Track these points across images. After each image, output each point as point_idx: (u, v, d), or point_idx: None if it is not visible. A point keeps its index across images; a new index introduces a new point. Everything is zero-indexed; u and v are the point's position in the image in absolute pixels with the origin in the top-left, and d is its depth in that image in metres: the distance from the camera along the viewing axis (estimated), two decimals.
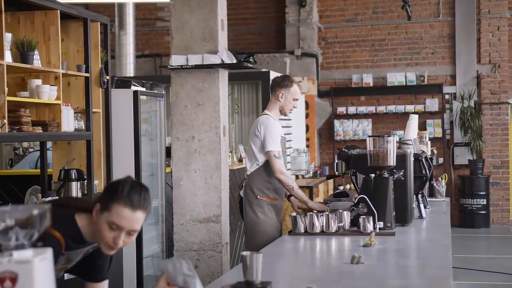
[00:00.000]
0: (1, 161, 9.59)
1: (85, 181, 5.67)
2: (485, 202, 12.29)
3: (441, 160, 12.60)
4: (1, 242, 1.81)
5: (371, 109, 12.87)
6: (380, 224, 4.30)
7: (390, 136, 4.48)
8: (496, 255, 10.13)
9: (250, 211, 5.26)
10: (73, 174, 5.52)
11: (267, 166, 5.19)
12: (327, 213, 4.34)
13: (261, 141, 5.20)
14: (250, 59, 6.31)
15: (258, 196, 5.24)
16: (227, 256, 5.96)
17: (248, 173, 5.34)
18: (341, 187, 12.05)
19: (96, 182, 5.75)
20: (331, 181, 11.21)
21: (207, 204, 5.91)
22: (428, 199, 5.86)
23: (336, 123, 12.98)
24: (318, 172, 11.01)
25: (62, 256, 2.65)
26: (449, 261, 3.36)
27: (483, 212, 12.30)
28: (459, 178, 12.57)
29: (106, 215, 2.57)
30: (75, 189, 5.54)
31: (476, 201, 12.26)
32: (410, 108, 12.65)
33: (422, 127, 12.33)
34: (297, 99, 5.39)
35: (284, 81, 5.36)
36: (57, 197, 5.14)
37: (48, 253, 1.84)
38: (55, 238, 2.56)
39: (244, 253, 2.75)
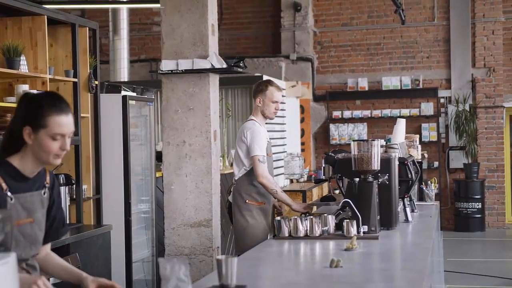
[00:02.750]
0: None
1: (74, 185, 5.68)
2: (480, 206, 12.29)
3: (436, 164, 12.61)
4: None
5: (367, 113, 12.89)
6: (364, 228, 4.31)
7: (374, 140, 4.49)
8: (491, 258, 10.13)
9: (239, 215, 5.33)
10: (62, 178, 5.53)
11: None
12: (311, 217, 4.35)
13: (247, 146, 5.28)
14: (241, 64, 6.32)
15: (247, 201, 5.33)
16: None
17: (236, 178, 5.42)
18: (337, 191, 12.06)
19: (84, 187, 5.77)
20: (325, 185, 11.22)
21: (198, 208, 5.92)
22: (417, 203, 5.87)
23: (332, 127, 12.99)
24: (313, 176, 11.01)
25: (13, 201, 2.64)
26: (426, 264, 3.36)
27: (478, 215, 12.31)
28: (454, 182, 12.58)
29: (45, 131, 2.64)
30: (64, 194, 5.55)
31: (471, 204, 12.27)
32: (405, 112, 12.66)
33: (417, 131, 12.35)
34: (276, 101, 5.44)
35: (259, 86, 5.50)
36: None
37: (11, 258, 1.86)
38: None
39: (219, 257, 2.77)
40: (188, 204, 5.80)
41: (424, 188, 6.49)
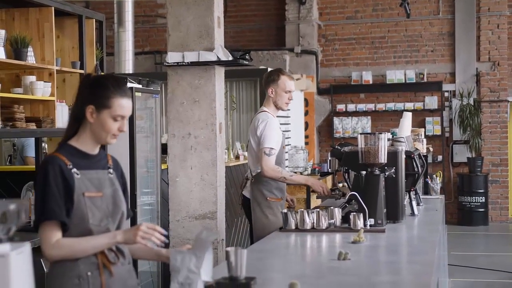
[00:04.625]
0: (0, 157, 9.61)
1: None
2: (483, 200, 12.30)
3: (440, 157, 12.61)
4: None
5: (371, 106, 12.89)
6: (371, 221, 4.31)
7: (381, 133, 4.49)
8: (494, 252, 10.14)
9: (259, 212, 5.22)
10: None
11: None
12: (318, 209, 4.35)
13: (259, 138, 5.18)
14: (246, 57, 6.32)
15: (268, 198, 5.21)
16: (223, 253, 5.98)
17: (253, 174, 5.28)
18: (340, 184, 12.06)
19: None
20: (329, 178, 11.22)
21: (203, 201, 5.92)
22: (422, 197, 5.87)
23: (336, 120, 12.99)
24: (317, 169, 11.01)
25: (79, 176, 2.79)
26: (434, 258, 3.37)
27: (482, 209, 12.31)
28: (458, 176, 12.58)
29: (108, 112, 2.80)
30: None
31: (475, 198, 12.27)
32: (409, 105, 12.66)
33: (421, 124, 12.34)
34: (289, 91, 5.29)
35: (271, 76, 5.31)
36: None
37: (26, 247, 1.87)
38: (56, 157, 2.80)
39: (229, 249, 2.77)
40: (193, 196, 5.80)
41: (429, 182, 6.50)
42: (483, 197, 12.29)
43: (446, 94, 12.80)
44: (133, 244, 2.87)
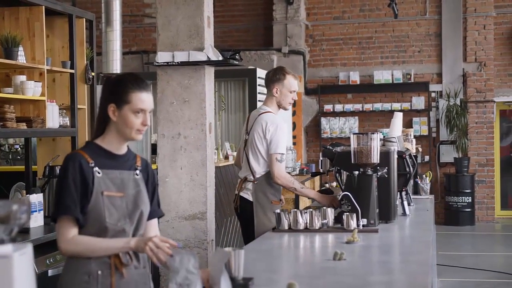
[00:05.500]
0: None
1: None
2: (470, 200, 12.36)
3: (427, 158, 12.66)
4: None
5: (358, 106, 12.91)
6: (363, 221, 4.31)
7: (374, 133, 4.49)
8: (481, 252, 10.19)
9: (262, 216, 5.08)
10: (58, 170, 5.50)
11: None
12: (311, 210, 4.35)
13: (268, 142, 5.02)
14: (236, 56, 6.31)
15: (273, 201, 5.10)
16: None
17: (257, 176, 5.12)
18: (327, 185, 12.09)
19: None
20: (317, 179, 11.24)
21: (193, 201, 5.91)
22: (412, 197, 5.89)
23: (323, 120, 13.01)
24: (305, 169, 11.02)
25: (100, 175, 2.83)
26: (428, 257, 3.38)
27: (468, 209, 12.38)
28: (444, 176, 12.63)
29: (128, 107, 2.85)
30: None
31: (461, 198, 12.34)
32: (396, 106, 12.70)
33: (408, 125, 12.38)
34: (294, 91, 5.14)
35: (276, 75, 5.14)
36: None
37: (28, 248, 1.85)
38: (78, 153, 2.86)
39: (227, 249, 2.76)
40: (183, 196, 5.79)
41: (419, 182, 6.52)
42: (470, 197, 12.35)
43: (433, 95, 12.85)
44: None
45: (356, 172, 4.46)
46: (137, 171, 2.97)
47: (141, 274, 2.94)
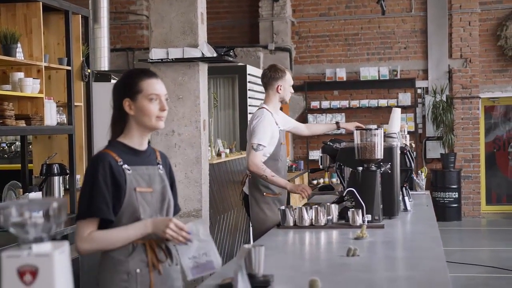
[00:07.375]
0: None
1: (68, 175, 5.60)
2: (456, 196, 12.44)
3: (414, 154, 12.69)
4: (19, 235, 1.78)
5: (345, 103, 12.93)
6: (368, 217, 4.32)
7: (377, 129, 4.50)
8: (468, 247, 10.26)
9: (257, 208, 5.24)
10: (56, 168, 5.45)
11: (270, 162, 5.17)
12: (316, 206, 4.34)
13: (251, 133, 5.20)
14: (230, 53, 6.30)
15: (265, 193, 5.24)
16: None
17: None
18: (321, 180, 12.11)
19: (78, 176, 5.69)
20: (305, 175, 11.25)
21: (188, 199, 5.89)
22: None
23: (310, 117, 13.01)
24: (294, 166, 11.03)
25: (130, 171, 2.82)
26: (442, 253, 3.39)
27: (455, 205, 12.45)
28: (431, 172, 12.69)
29: (141, 96, 2.85)
30: (58, 184, 5.47)
31: (448, 194, 12.41)
32: (383, 102, 12.73)
33: None
34: (292, 85, 5.54)
35: (277, 73, 5.38)
36: None
37: (65, 247, 1.82)
38: (107, 153, 2.84)
39: (247, 246, 2.74)
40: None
41: (415, 178, 6.54)
42: (456, 193, 12.43)
43: (419, 91, 12.90)
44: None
45: (360, 168, 4.46)
46: (160, 166, 2.96)
47: (175, 270, 2.93)
